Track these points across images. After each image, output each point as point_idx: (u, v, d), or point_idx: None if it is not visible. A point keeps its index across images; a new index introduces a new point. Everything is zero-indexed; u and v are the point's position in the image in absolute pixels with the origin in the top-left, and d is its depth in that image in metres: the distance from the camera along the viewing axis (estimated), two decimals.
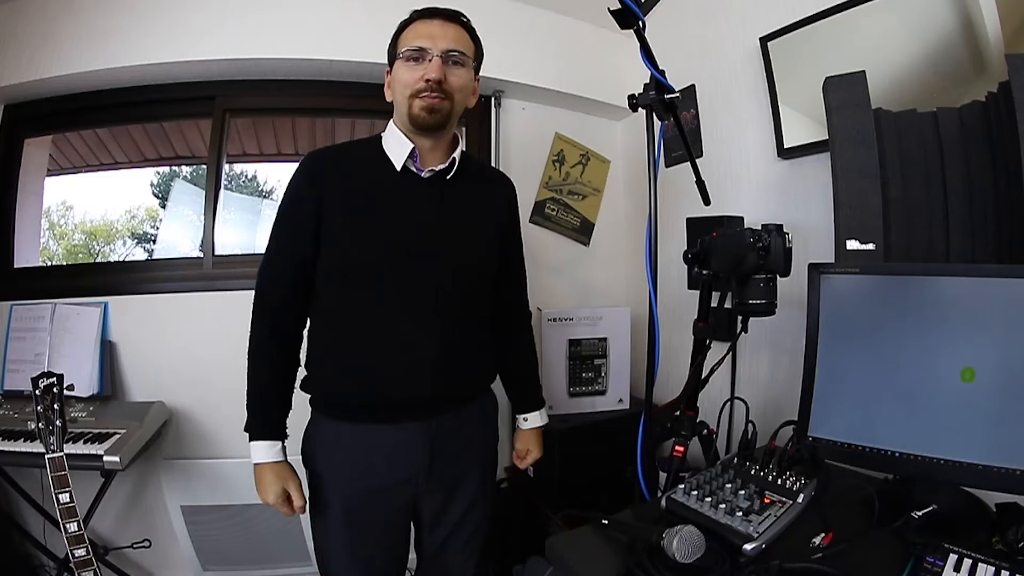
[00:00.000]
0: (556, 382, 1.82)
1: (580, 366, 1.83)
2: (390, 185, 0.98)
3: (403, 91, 0.96)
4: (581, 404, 1.83)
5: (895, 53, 1.25)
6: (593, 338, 1.84)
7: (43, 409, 1.22)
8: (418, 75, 0.94)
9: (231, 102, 1.88)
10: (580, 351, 1.83)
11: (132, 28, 1.68)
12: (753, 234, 0.94)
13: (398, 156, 0.98)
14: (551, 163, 2.22)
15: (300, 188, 0.99)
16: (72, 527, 1.21)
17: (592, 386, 1.83)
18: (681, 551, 0.72)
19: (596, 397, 1.83)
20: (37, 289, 1.77)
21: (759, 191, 1.63)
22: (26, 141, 1.89)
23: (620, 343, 1.86)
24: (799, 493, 0.89)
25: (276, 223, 1.01)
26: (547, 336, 1.83)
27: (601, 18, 0.99)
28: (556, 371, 1.83)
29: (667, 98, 0.92)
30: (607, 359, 1.84)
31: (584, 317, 1.87)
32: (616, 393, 1.85)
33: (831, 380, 0.99)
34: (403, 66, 0.96)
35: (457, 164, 1.01)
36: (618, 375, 1.86)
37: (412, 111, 0.95)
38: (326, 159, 1.02)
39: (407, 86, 0.95)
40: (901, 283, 0.93)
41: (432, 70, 0.93)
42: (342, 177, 0.98)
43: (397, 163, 0.98)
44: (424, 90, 0.94)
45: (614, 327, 1.86)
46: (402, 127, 1.00)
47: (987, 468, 0.82)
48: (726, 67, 1.72)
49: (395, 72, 0.98)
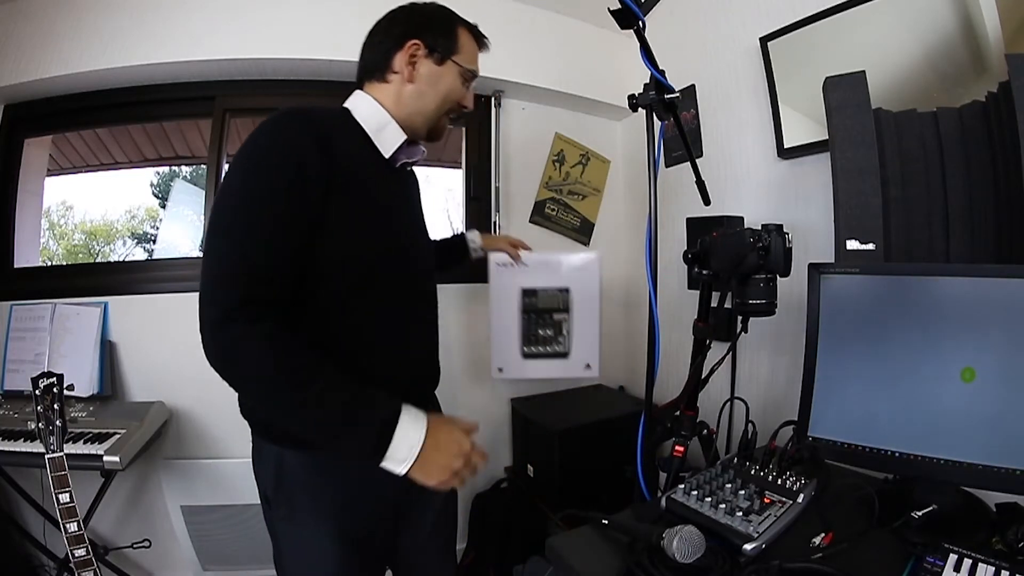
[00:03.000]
0: (507, 340, 1.47)
1: (536, 321, 1.46)
2: (383, 173, 0.88)
3: (446, 102, 0.93)
4: (538, 368, 1.49)
5: (895, 53, 1.25)
6: (552, 288, 1.47)
7: (43, 409, 1.22)
8: (463, 95, 0.94)
9: (231, 102, 1.88)
10: (536, 303, 1.47)
11: (132, 28, 1.68)
12: (753, 234, 0.94)
13: (387, 144, 0.89)
14: (551, 163, 2.22)
15: (306, 152, 0.73)
16: (72, 527, 1.22)
17: (551, 346, 1.46)
18: (681, 551, 0.72)
19: (556, 360, 1.47)
20: (37, 289, 1.77)
21: (759, 191, 1.63)
22: (26, 141, 1.89)
23: (586, 297, 1.50)
24: (799, 493, 0.89)
25: (264, 193, 0.72)
26: (496, 284, 1.53)
27: (601, 18, 0.99)
28: (506, 326, 1.46)
29: (667, 98, 0.93)
30: (570, 314, 1.46)
31: (541, 262, 1.51)
32: (582, 357, 1.48)
33: (831, 380, 0.99)
34: (459, 79, 0.93)
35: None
36: (584, 336, 1.48)
37: (438, 125, 0.95)
38: (326, 123, 0.80)
39: (450, 101, 0.93)
40: (901, 283, 0.93)
41: (471, 100, 0.96)
42: (344, 150, 0.80)
43: (386, 151, 0.89)
44: (455, 112, 0.95)
45: (579, 277, 1.50)
46: (401, 118, 0.90)
47: (987, 468, 0.82)
48: (726, 67, 1.72)
49: (447, 75, 0.91)
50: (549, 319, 1.48)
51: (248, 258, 0.69)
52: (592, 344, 1.51)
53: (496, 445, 2.12)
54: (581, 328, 1.49)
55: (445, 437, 0.73)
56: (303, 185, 0.73)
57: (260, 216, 0.71)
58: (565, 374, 1.43)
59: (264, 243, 0.70)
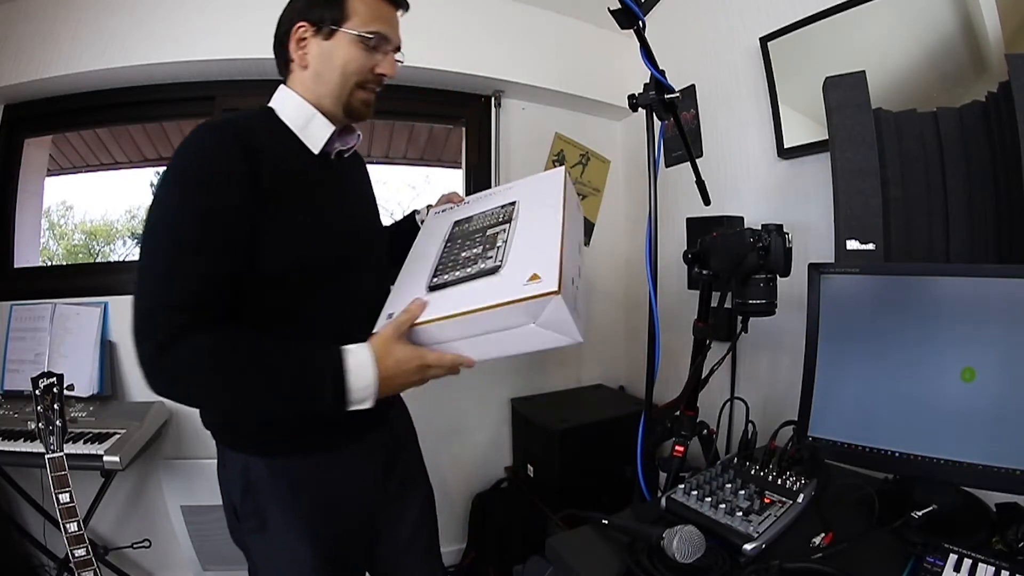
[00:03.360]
0: (411, 280, 0.90)
1: (460, 245, 0.92)
2: (315, 170, 0.84)
3: (348, 76, 0.83)
4: (449, 299, 0.80)
5: (895, 53, 1.25)
6: (493, 207, 0.98)
7: (43, 409, 1.22)
8: (371, 63, 0.84)
9: (231, 102, 1.87)
10: (467, 228, 0.96)
11: (132, 28, 1.68)
12: (753, 234, 0.94)
13: (314, 138, 0.84)
14: (551, 163, 2.22)
15: (232, 160, 0.71)
16: (72, 527, 1.22)
17: (472, 266, 0.84)
18: (681, 551, 0.72)
19: (479, 282, 0.81)
20: (37, 289, 1.77)
21: (759, 191, 1.63)
22: (26, 141, 1.89)
23: (541, 204, 0.92)
24: (799, 493, 0.89)
25: (188, 209, 0.69)
26: (424, 230, 1.06)
27: (601, 18, 0.99)
28: (417, 269, 0.92)
29: (667, 98, 0.93)
30: (511, 225, 0.90)
31: (490, 193, 1.07)
32: (524, 269, 0.80)
33: (831, 380, 0.99)
34: (355, 47, 0.82)
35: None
36: (530, 243, 0.85)
37: (352, 102, 0.85)
38: (249, 129, 0.77)
39: (356, 73, 0.83)
40: (901, 283, 0.93)
41: (390, 67, 0.85)
42: (271, 153, 0.76)
43: (315, 146, 0.84)
44: (371, 82, 0.85)
45: (533, 188, 0.99)
46: (316, 103, 0.85)
47: (987, 468, 0.82)
48: (726, 67, 1.73)
49: (339, 47, 0.82)
50: (479, 238, 0.90)
51: (175, 289, 0.67)
52: (544, 251, 0.80)
53: (496, 445, 2.13)
54: (527, 235, 0.86)
55: (397, 357, 0.74)
56: (231, 200, 0.70)
57: (186, 241, 0.68)
58: (493, 298, 0.75)
59: (189, 271, 0.67)
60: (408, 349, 0.74)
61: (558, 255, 0.75)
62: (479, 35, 1.98)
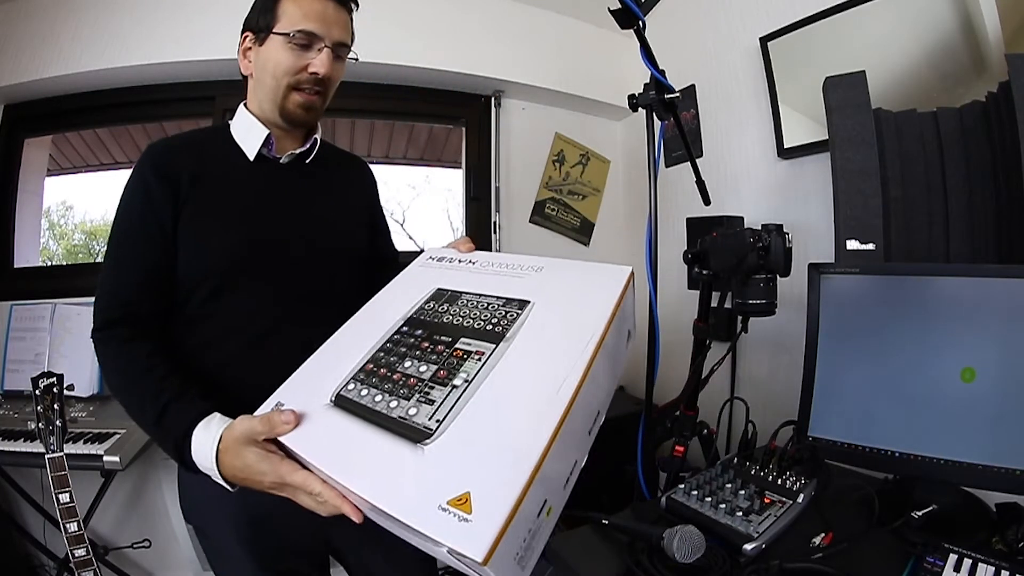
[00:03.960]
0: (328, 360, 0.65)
1: (411, 344, 0.62)
2: (244, 175, 0.85)
3: (279, 77, 0.82)
4: (332, 438, 0.54)
5: (895, 53, 1.25)
6: (492, 295, 0.66)
7: (43, 409, 1.22)
8: (302, 64, 0.81)
9: (231, 102, 1.87)
10: (438, 314, 0.66)
11: (132, 28, 1.68)
12: (753, 234, 0.94)
13: (251, 144, 0.85)
14: (551, 163, 2.22)
15: (148, 182, 0.79)
16: (72, 527, 1.21)
17: (399, 400, 0.54)
18: (681, 551, 0.72)
19: (387, 439, 0.50)
20: (37, 289, 1.77)
21: (759, 191, 1.63)
22: (26, 141, 1.89)
23: (560, 340, 0.55)
24: (799, 493, 0.89)
25: (120, 227, 0.80)
26: (400, 280, 0.78)
27: (601, 18, 0.99)
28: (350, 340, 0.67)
29: (667, 98, 0.93)
30: (495, 353, 0.56)
31: (507, 264, 0.72)
32: (456, 472, 0.44)
33: (831, 380, 0.99)
34: (284, 48, 0.81)
35: (317, 147, 0.92)
36: (496, 433, 0.47)
37: (287, 105, 0.83)
38: (171, 149, 0.84)
39: (287, 73, 0.81)
40: (901, 283, 0.93)
41: (322, 64, 0.81)
42: (192, 168, 0.81)
43: (250, 151, 0.85)
44: (306, 83, 0.83)
45: (571, 291, 0.63)
46: (260, 114, 0.86)
47: (987, 468, 0.82)
48: (726, 67, 1.73)
49: (269, 50, 0.82)
50: (442, 347, 0.60)
51: (109, 287, 0.78)
52: (509, 452, 0.45)
53: None
54: (502, 394, 0.51)
55: (247, 462, 0.59)
56: (149, 213, 0.78)
57: (117, 248, 0.79)
58: (385, 492, 0.45)
59: (119, 273, 0.78)
60: (263, 460, 0.57)
61: (524, 481, 0.42)
62: (479, 35, 1.99)
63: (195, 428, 0.66)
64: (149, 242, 0.78)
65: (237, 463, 0.60)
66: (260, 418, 0.58)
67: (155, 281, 0.78)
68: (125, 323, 0.76)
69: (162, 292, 0.79)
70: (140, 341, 0.76)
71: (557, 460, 0.46)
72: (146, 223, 0.78)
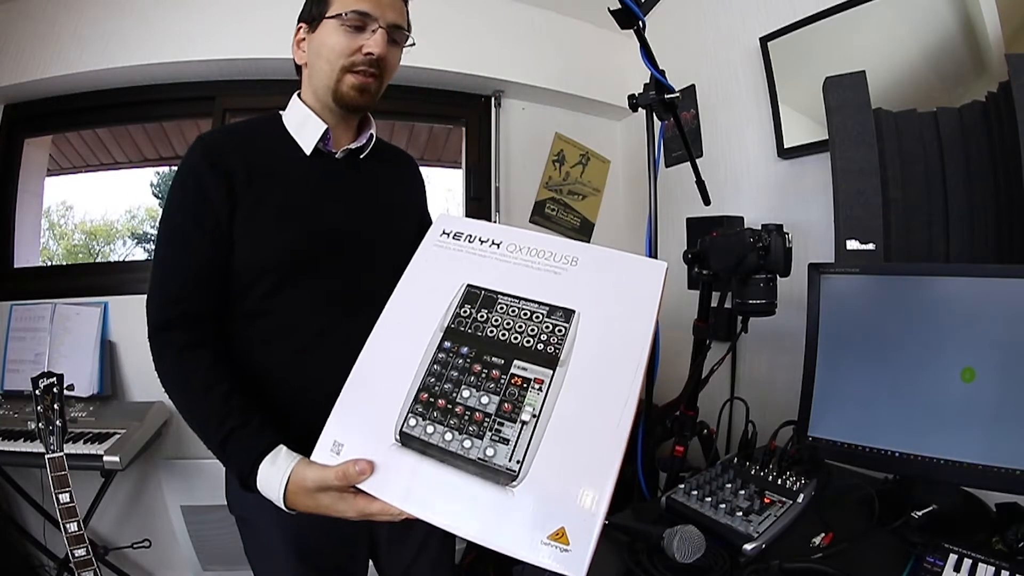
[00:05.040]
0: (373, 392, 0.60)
1: (459, 366, 0.58)
2: (300, 170, 0.84)
3: (333, 60, 0.81)
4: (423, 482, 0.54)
5: (895, 53, 1.25)
6: (536, 301, 0.60)
7: (43, 409, 1.22)
8: (356, 45, 0.80)
9: (231, 102, 1.88)
10: (478, 324, 0.61)
11: (132, 28, 1.68)
12: (753, 234, 0.94)
13: (308, 138, 0.84)
14: (551, 163, 2.22)
15: (201, 175, 0.77)
16: (72, 527, 1.22)
17: (471, 438, 0.54)
18: (681, 551, 0.72)
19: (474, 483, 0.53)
20: (37, 289, 1.77)
21: (759, 191, 1.63)
22: (26, 141, 1.89)
23: (614, 353, 0.56)
24: (799, 493, 0.89)
25: (173, 221, 0.78)
26: (418, 268, 0.70)
27: (601, 18, 0.99)
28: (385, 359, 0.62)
29: (667, 98, 0.93)
30: (556, 377, 0.55)
31: (536, 247, 0.64)
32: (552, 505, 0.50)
33: (831, 380, 0.99)
34: (337, 30, 0.80)
35: (372, 143, 0.91)
36: (577, 458, 0.52)
37: (341, 87, 0.82)
38: (224, 141, 0.83)
39: (341, 56, 0.80)
40: (901, 283, 0.93)
41: (376, 44, 0.80)
42: (247, 161, 0.80)
43: (307, 146, 0.84)
44: (361, 64, 0.81)
45: (611, 295, 0.59)
46: (314, 101, 0.86)
47: (987, 468, 0.82)
48: (726, 67, 1.73)
49: (323, 35, 0.82)
50: (499, 373, 0.57)
51: (161, 284, 0.77)
52: (592, 474, 0.52)
53: None
54: (575, 420, 0.53)
55: (320, 503, 0.61)
56: (202, 207, 0.76)
57: (169, 243, 0.78)
58: (487, 530, 0.51)
59: (171, 269, 0.77)
60: (341, 502, 0.59)
61: (603, 513, 0.49)
62: (479, 35, 1.99)
63: (262, 462, 0.66)
64: (204, 237, 0.76)
65: (311, 503, 0.62)
66: (335, 471, 0.57)
67: (210, 277, 0.77)
68: (180, 326, 0.75)
69: (217, 289, 0.77)
70: (197, 350, 0.74)
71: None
72: (200, 217, 0.76)
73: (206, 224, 0.76)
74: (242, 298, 0.79)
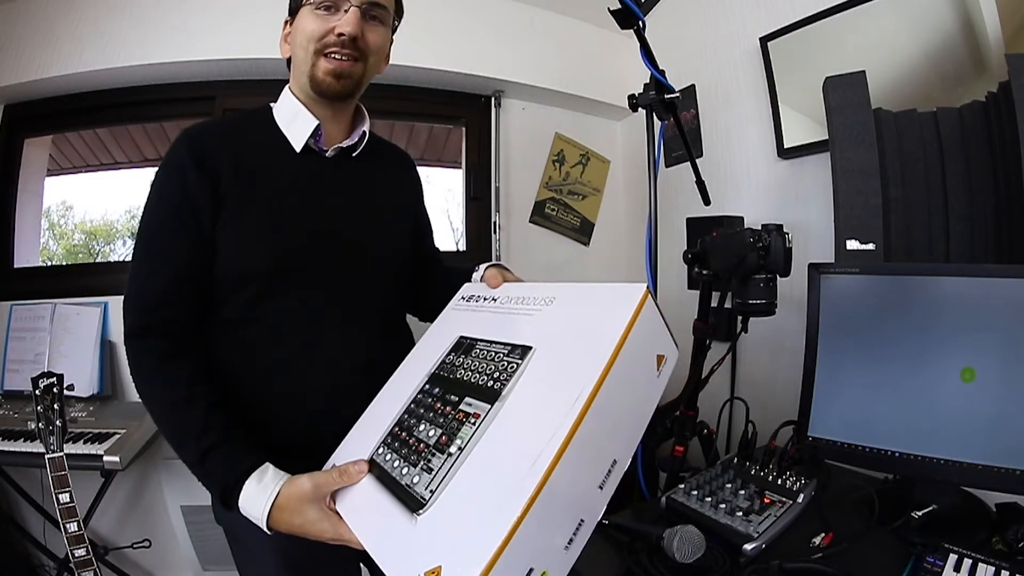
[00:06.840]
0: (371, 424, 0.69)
1: (428, 404, 0.63)
2: (290, 168, 0.80)
3: (306, 45, 0.77)
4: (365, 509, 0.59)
5: (895, 53, 1.25)
6: (500, 342, 0.64)
7: (43, 409, 1.22)
8: (328, 27, 0.76)
9: (231, 102, 1.87)
10: (454, 367, 0.66)
11: (132, 28, 1.68)
12: (753, 234, 0.94)
13: (298, 134, 0.81)
14: (551, 163, 2.22)
15: (186, 172, 0.72)
16: (72, 527, 1.22)
17: (407, 468, 0.56)
18: (681, 551, 0.72)
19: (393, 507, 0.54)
20: (37, 289, 1.77)
21: (759, 191, 1.63)
22: (26, 141, 1.89)
23: (552, 392, 0.52)
24: (799, 493, 0.89)
25: (154, 220, 0.74)
26: (434, 330, 0.80)
27: (601, 18, 0.99)
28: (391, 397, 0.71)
29: (667, 98, 0.93)
30: (491, 413, 0.54)
31: (518, 296, 0.71)
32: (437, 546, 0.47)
33: (831, 380, 0.99)
34: (309, 14, 0.77)
35: (365, 140, 0.87)
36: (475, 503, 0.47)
37: (316, 73, 0.78)
38: (211, 136, 0.78)
39: (312, 39, 0.77)
40: (901, 283, 0.93)
41: (347, 23, 0.76)
42: (234, 158, 0.76)
43: (297, 143, 0.81)
44: (334, 46, 0.77)
45: (568, 328, 0.59)
46: (300, 93, 0.82)
47: (987, 468, 0.82)
48: (726, 67, 1.73)
49: (299, 22, 0.79)
50: (449, 409, 0.60)
51: (140, 288, 0.74)
52: (483, 524, 0.45)
53: None
54: (490, 458, 0.51)
55: (308, 518, 0.61)
56: (185, 207, 0.73)
57: (150, 243, 0.74)
58: (387, 556, 0.51)
59: (149, 273, 0.74)
60: (324, 520, 0.60)
61: (489, 557, 0.41)
62: (479, 35, 1.99)
63: (247, 480, 0.64)
64: (186, 237, 0.73)
65: (296, 520, 0.61)
66: (337, 469, 0.61)
67: (192, 281, 0.73)
68: (161, 332, 0.72)
69: (199, 293, 0.74)
70: (177, 360, 0.71)
71: (540, 528, 0.45)
72: (183, 216, 0.72)
73: (189, 224, 0.73)
74: (225, 304, 0.76)
